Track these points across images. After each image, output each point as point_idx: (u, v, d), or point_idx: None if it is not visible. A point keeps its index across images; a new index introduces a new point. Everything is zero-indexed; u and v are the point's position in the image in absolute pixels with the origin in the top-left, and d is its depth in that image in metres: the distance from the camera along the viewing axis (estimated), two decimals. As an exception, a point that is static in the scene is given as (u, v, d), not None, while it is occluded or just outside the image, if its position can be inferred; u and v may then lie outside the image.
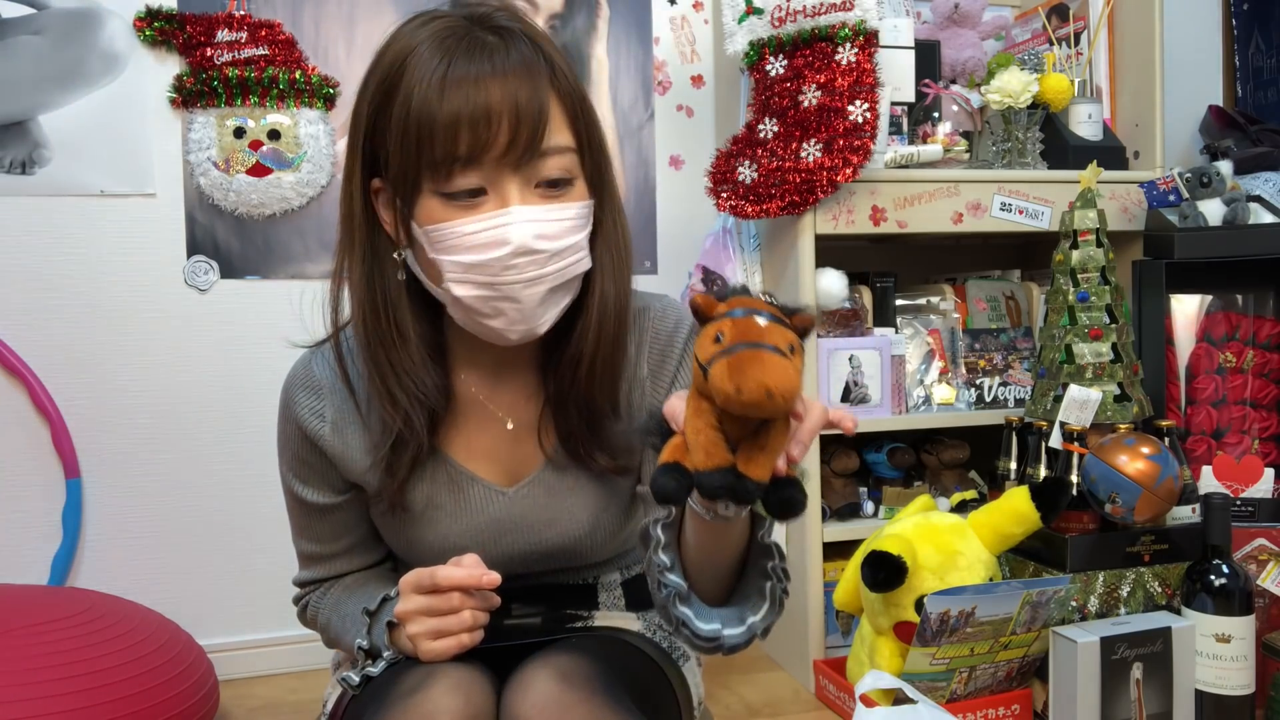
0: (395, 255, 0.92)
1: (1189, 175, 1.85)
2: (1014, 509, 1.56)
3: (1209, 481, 1.71)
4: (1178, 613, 1.56)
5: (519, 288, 0.87)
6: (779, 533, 0.88)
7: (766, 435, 0.69)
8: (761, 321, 0.68)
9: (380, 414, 0.96)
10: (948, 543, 1.56)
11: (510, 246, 0.85)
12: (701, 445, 0.69)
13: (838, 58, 1.73)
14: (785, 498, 0.71)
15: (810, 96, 1.74)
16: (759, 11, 1.80)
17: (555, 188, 0.88)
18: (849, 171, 1.71)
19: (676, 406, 0.74)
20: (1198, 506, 1.68)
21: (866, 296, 1.97)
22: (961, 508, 1.77)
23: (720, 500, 0.74)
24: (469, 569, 0.91)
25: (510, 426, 1.01)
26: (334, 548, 1.08)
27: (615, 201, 0.95)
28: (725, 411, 0.68)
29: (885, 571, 1.49)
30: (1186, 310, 1.88)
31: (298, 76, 1.93)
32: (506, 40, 0.86)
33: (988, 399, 1.97)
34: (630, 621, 1.11)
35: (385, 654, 0.96)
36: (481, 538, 1.01)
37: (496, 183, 0.86)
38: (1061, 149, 1.99)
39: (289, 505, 1.08)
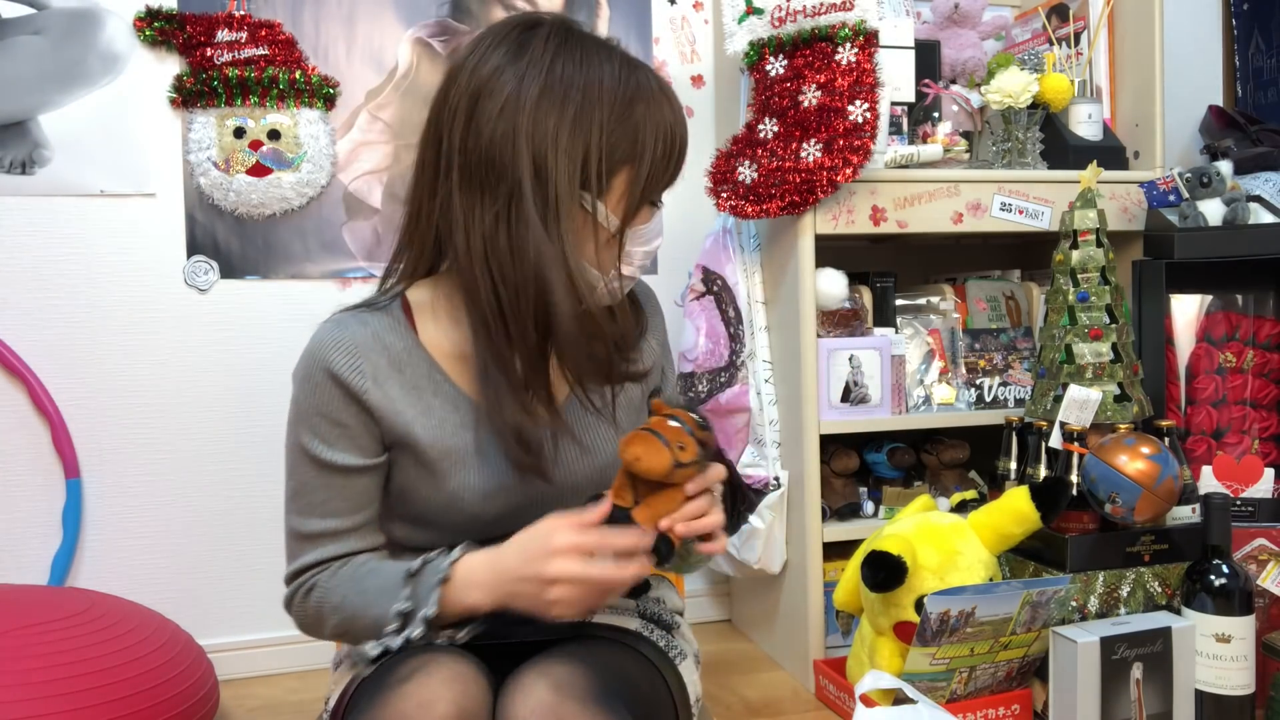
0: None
1: (1189, 175, 1.85)
2: (1014, 509, 1.56)
3: (1209, 481, 1.71)
4: (1178, 613, 1.56)
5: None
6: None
7: (655, 497, 0.98)
8: (672, 423, 0.98)
9: (499, 367, 1.02)
10: (948, 543, 1.56)
11: (662, 235, 1.10)
12: (614, 489, 0.99)
13: (838, 58, 1.73)
14: (655, 548, 0.97)
15: (810, 96, 1.74)
16: (759, 11, 1.80)
17: None
18: (849, 171, 1.71)
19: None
20: (1198, 506, 1.68)
21: (866, 296, 1.97)
22: (961, 508, 1.77)
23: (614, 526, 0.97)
24: (634, 537, 0.95)
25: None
26: (350, 522, 1.05)
27: None
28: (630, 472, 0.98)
29: (885, 571, 1.49)
30: (1186, 310, 1.88)
31: (298, 76, 1.93)
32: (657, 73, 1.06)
33: (988, 399, 1.97)
34: (628, 619, 1.12)
35: (425, 611, 0.96)
36: (515, 478, 1.05)
37: None
38: (1061, 149, 1.99)
39: (303, 480, 1.05)
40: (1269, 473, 1.68)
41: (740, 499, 1.21)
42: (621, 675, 1.00)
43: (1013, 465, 1.76)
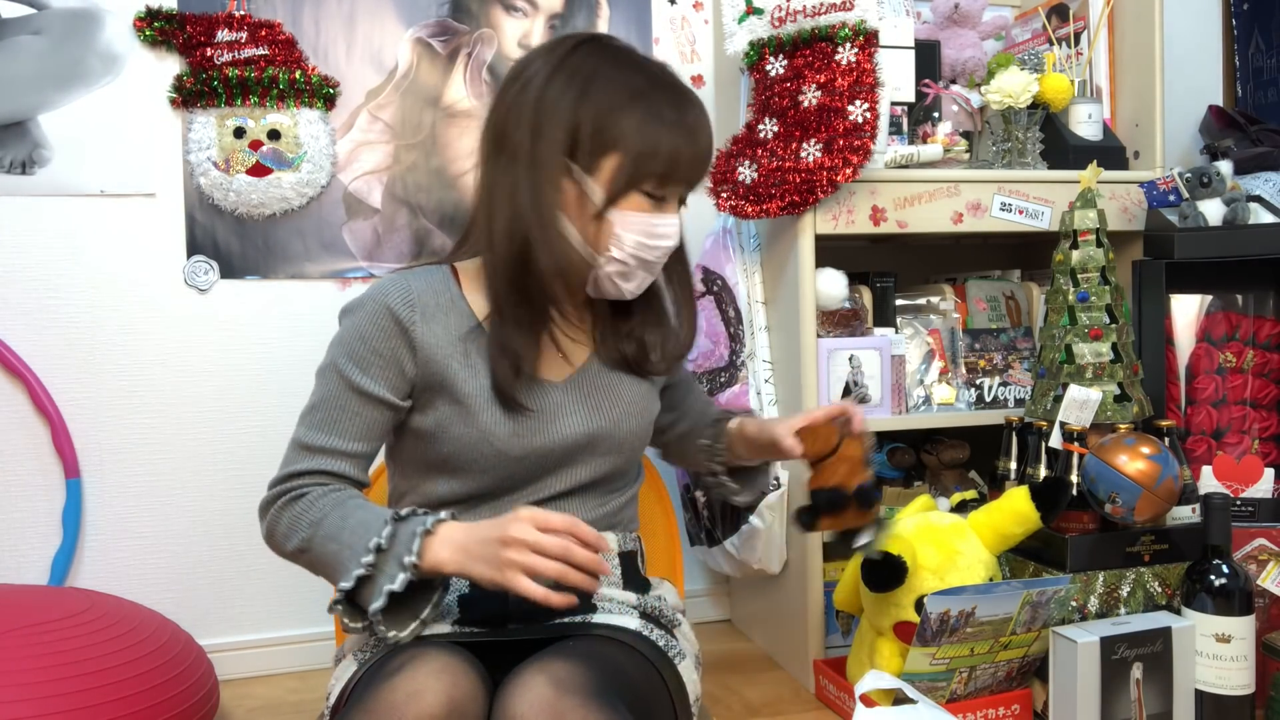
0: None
1: (1189, 175, 1.85)
2: (1014, 509, 1.56)
3: (1209, 481, 1.71)
4: (1178, 613, 1.56)
5: (656, 265, 1.18)
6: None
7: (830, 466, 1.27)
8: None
9: (517, 323, 1.15)
10: (948, 543, 1.56)
11: (670, 241, 1.17)
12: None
13: (838, 58, 1.73)
14: (856, 496, 1.29)
15: (810, 96, 1.74)
16: (759, 11, 1.80)
17: (681, 204, 1.20)
18: (849, 171, 1.71)
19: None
20: (1198, 506, 1.68)
21: (866, 296, 1.97)
22: (961, 508, 1.77)
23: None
24: (588, 529, 1.02)
25: (562, 351, 1.22)
26: (354, 447, 1.13)
27: None
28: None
29: (885, 571, 1.49)
30: (1186, 310, 1.88)
31: (298, 76, 1.93)
32: (698, 102, 1.17)
33: (988, 399, 1.97)
34: (629, 618, 1.12)
35: (408, 558, 1.01)
36: (541, 419, 1.16)
37: (673, 196, 1.17)
38: (1061, 149, 1.99)
39: (324, 396, 1.14)
40: (1269, 473, 1.68)
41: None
42: (620, 673, 1.00)
43: (1013, 465, 1.76)
